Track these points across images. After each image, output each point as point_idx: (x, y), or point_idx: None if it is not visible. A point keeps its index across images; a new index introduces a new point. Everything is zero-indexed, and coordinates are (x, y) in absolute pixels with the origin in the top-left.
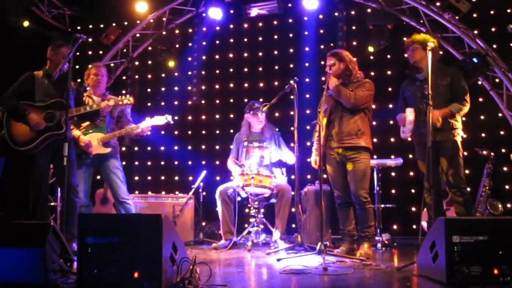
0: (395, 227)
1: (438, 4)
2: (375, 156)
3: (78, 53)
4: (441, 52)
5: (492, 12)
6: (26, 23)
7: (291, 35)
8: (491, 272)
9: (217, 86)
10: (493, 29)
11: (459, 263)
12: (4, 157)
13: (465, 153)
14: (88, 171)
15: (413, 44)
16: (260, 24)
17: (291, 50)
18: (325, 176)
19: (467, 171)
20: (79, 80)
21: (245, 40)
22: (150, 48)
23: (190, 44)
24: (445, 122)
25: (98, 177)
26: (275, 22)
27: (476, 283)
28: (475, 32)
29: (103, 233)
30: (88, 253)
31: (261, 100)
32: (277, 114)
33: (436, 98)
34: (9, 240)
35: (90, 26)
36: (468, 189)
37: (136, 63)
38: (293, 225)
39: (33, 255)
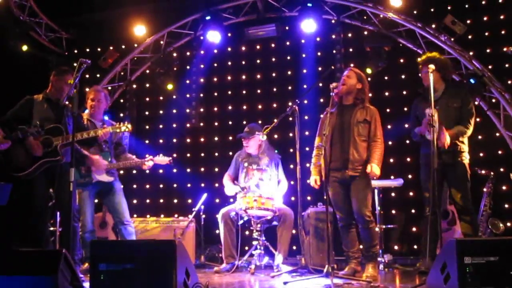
0: (396, 247)
1: (434, 26)
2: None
3: None
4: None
5: (486, 34)
6: (24, 47)
7: (289, 57)
8: None
9: (215, 109)
10: (488, 50)
11: (471, 284)
12: (11, 184)
13: None
14: (93, 197)
15: (427, 66)
16: (258, 47)
17: (289, 72)
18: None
19: None
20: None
21: (243, 62)
22: (148, 71)
23: (188, 67)
24: (453, 145)
25: (95, 200)
26: (273, 45)
27: None
28: (471, 53)
29: (116, 259)
30: (101, 280)
31: (260, 122)
32: (276, 136)
33: (447, 120)
34: (21, 268)
35: (87, 50)
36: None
37: (134, 86)
38: (294, 247)
39: (45, 283)
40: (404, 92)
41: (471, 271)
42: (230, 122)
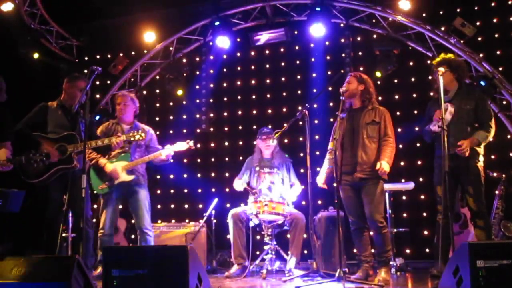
0: (408, 251)
1: (443, 28)
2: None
3: None
4: None
5: (496, 35)
6: (36, 55)
7: (298, 62)
8: None
9: (225, 114)
10: (498, 52)
11: None
12: (24, 191)
13: None
14: (115, 200)
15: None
16: (267, 52)
17: (299, 77)
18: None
19: None
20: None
21: (253, 67)
22: (158, 77)
23: (198, 73)
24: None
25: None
26: (282, 50)
27: None
28: (481, 55)
29: (129, 265)
30: (114, 286)
31: (270, 126)
32: (286, 141)
33: (459, 122)
34: (35, 274)
35: (98, 57)
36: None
37: (144, 92)
38: (305, 251)
39: None
40: (414, 95)
41: (484, 274)
42: (240, 127)
